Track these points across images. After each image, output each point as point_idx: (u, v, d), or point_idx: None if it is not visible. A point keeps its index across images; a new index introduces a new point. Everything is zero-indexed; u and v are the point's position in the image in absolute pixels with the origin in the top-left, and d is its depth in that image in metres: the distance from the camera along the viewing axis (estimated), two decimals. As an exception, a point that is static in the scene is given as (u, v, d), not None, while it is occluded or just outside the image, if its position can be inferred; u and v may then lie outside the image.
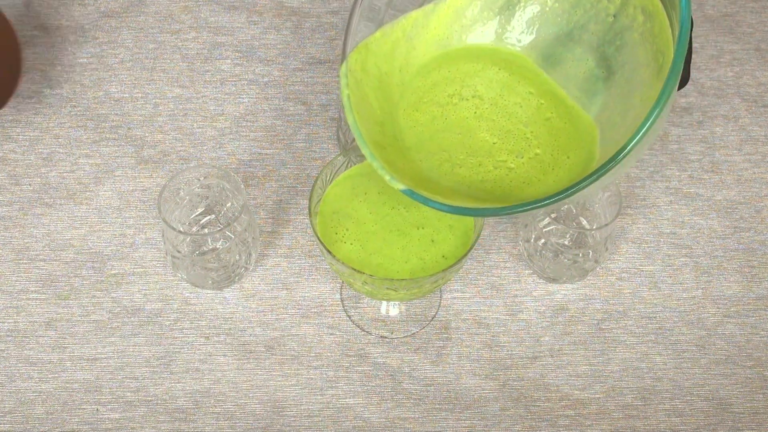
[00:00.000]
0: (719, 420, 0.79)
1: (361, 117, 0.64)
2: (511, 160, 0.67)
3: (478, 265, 0.85)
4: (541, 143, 0.67)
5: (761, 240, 0.87)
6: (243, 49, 0.95)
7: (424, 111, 0.69)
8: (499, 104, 0.69)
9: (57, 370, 0.80)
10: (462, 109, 0.69)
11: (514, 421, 0.79)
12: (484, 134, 0.68)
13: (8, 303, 0.83)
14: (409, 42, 0.69)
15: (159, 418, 0.78)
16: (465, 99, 0.69)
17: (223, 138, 0.91)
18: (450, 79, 0.70)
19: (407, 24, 0.68)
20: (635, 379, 0.81)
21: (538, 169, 0.67)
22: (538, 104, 0.69)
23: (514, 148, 0.68)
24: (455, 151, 0.68)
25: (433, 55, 0.70)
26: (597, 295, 0.84)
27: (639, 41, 0.64)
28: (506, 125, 0.68)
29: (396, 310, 0.84)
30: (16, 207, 0.87)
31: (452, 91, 0.70)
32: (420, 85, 0.70)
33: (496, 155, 0.67)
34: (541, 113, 0.68)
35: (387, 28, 0.67)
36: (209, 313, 0.83)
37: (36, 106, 0.92)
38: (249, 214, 0.78)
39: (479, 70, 0.70)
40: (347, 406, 0.79)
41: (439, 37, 0.70)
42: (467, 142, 0.68)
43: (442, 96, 0.69)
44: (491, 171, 0.67)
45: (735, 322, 0.83)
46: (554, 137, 0.68)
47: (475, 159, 0.67)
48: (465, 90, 0.69)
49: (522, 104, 0.69)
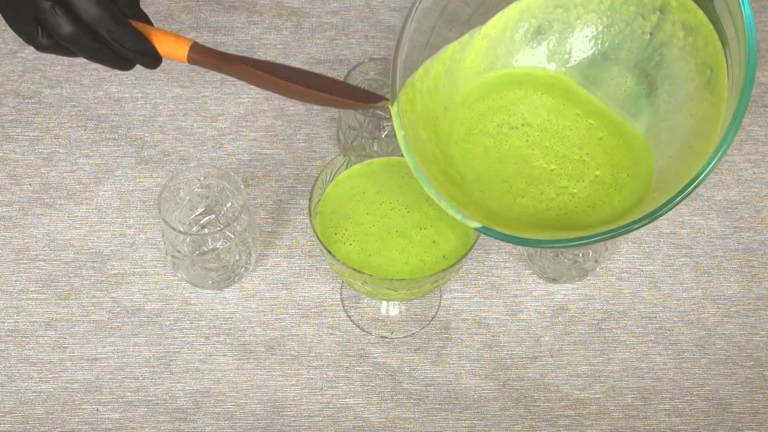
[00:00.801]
0: (719, 420, 0.79)
1: (419, 156, 0.63)
2: (573, 185, 0.66)
3: (478, 265, 0.85)
4: (599, 164, 0.67)
5: (761, 240, 0.87)
6: (243, 49, 0.95)
7: (476, 143, 0.68)
8: (549, 129, 0.68)
9: (57, 370, 0.80)
10: (513, 138, 0.68)
11: (514, 421, 0.79)
12: (540, 162, 0.67)
13: (8, 303, 0.83)
14: (450, 76, 0.68)
15: (159, 418, 0.78)
16: (514, 128, 0.69)
17: (223, 138, 0.91)
18: (495, 108, 0.69)
19: (446, 57, 0.67)
20: (635, 379, 0.81)
21: (600, 191, 0.66)
22: (588, 125, 0.68)
23: (573, 172, 0.67)
24: (515, 182, 0.67)
25: (474, 85, 0.69)
26: (597, 295, 0.84)
27: (680, 56, 0.64)
28: (560, 150, 0.68)
29: (396, 310, 0.84)
30: (16, 207, 0.87)
31: (500, 120, 0.69)
32: (467, 117, 0.69)
33: (556, 182, 0.67)
34: (593, 133, 0.68)
35: (428, 63, 0.66)
36: (209, 313, 0.83)
37: (36, 106, 0.92)
38: (249, 214, 0.78)
39: (522, 97, 0.70)
40: (347, 406, 0.79)
41: (477, 68, 0.69)
42: (525, 171, 0.67)
43: (491, 126, 0.69)
44: (554, 198, 0.66)
45: (735, 322, 0.83)
46: (610, 156, 0.67)
47: (536, 188, 0.66)
48: (512, 118, 0.69)
49: (572, 127, 0.68)
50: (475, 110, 0.69)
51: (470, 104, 0.69)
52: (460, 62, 0.68)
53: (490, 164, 0.68)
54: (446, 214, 0.71)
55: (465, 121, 0.69)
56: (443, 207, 0.62)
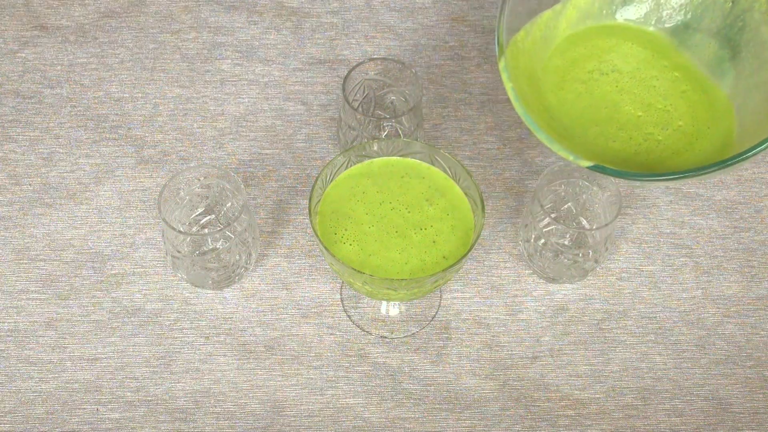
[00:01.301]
0: (719, 420, 0.79)
1: (527, 105, 0.68)
2: (658, 132, 0.71)
3: (478, 265, 0.85)
4: (682, 115, 0.72)
5: (761, 240, 0.87)
6: (243, 49, 0.95)
7: (569, 89, 0.73)
8: (638, 77, 0.74)
9: (57, 370, 0.80)
10: (603, 84, 0.73)
11: (514, 421, 0.79)
12: (628, 107, 0.73)
13: (8, 303, 0.83)
14: (545, 41, 0.74)
15: (159, 418, 0.78)
16: (605, 74, 0.74)
17: (223, 138, 0.91)
18: (587, 55, 0.74)
19: (542, 23, 0.73)
20: (635, 379, 0.81)
21: (683, 140, 0.71)
22: (674, 77, 0.73)
23: (658, 120, 0.72)
24: (606, 126, 0.72)
25: (566, 36, 0.75)
26: (597, 295, 0.84)
27: (762, 20, 0.69)
28: (647, 98, 0.73)
29: (396, 310, 0.84)
30: (16, 207, 0.87)
31: (591, 67, 0.74)
32: (560, 65, 0.74)
33: (643, 128, 0.72)
34: (677, 86, 0.73)
35: (528, 26, 0.72)
36: (209, 313, 0.83)
37: (36, 106, 0.92)
38: (249, 214, 0.78)
39: (614, 46, 0.75)
40: (347, 406, 0.79)
41: (571, 33, 0.75)
42: (615, 116, 0.72)
43: (582, 72, 0.74)
44: (641, 144, 0.71)
45: (735, 322, 0.83)
46: (692, 109, 0.72)
47: (626, 133, 0.72)
48: (603, 65, 0.74)
49: (659, 77, 0.74)
50: (567, 58, 0.74)
51: (562, 52, 0.74)
52: (554, 29, 0.74)
53: (583, 109, 0.73)
54: (446, 213, 0.72)
55: (558, 69, 0.74)
56: (555, 149, 0.67)
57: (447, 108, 0.93)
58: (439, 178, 0.74)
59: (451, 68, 0.95)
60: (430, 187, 0.73)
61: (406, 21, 0.97)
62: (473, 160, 0.90)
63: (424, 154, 0.74)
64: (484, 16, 0.98)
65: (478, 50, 0.96)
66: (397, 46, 0.96)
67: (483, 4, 0.98)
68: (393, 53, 0.96)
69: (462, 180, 0.73)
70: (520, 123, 0.92)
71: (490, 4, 0.98)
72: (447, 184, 0.74)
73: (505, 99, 0.93)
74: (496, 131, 0.92)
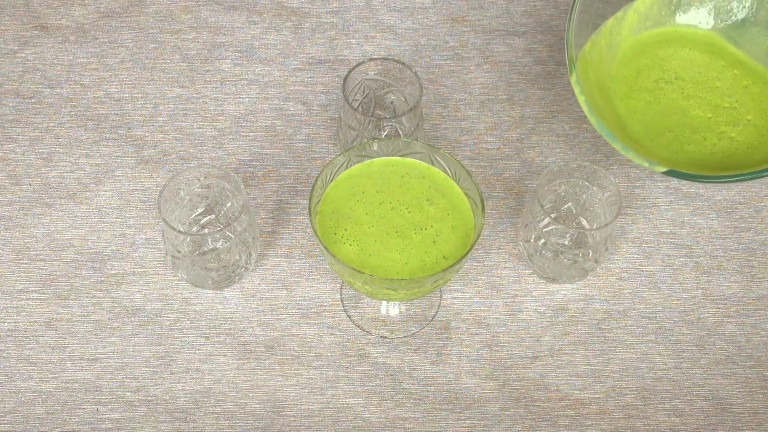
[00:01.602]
0: (719, 420, 0.79)
1: (600, 116, 0.72)
2: (730, 129, 0.75)
3: (478, 265, 0.85)
4: (749, 109, 0.76)
5: (761, 240, 0.87)
6: (243, 49, 0.95)
7: (638, 98, 0.78)
8: (700, 81, 0.78)
9: (57, 370, 0.80)
10: (669, 92, 0.77)
11: (514, 421, 0.79)
12: (696, 111, 0.76)
13: (8, 303, 0.83)
14: (610, 49, 0.78)
15: (159, 418, 0.78)
16: (669, 82, 0.78)
17: (223, 138, 0.91)
18: (650, 65, 0.79)
19: (606, 32, 0.77)
20: (635, 379, 0.81)
21: (756, 134, 0.75)
22: (733, 75, 0.77)
23: (728, 119, 0.76)
24: (679, 131, 0.76)
25: (628, 45, 0.79)
26: (597, 295, 0.84)
27: None
28: (713, 99, 0.77)
29: (396, 310, 0.84)
30: (16, 207, 0.87)
31: (656, 76, 0.78)
32: (626, 75, 0.78)
33: (715, 128, 0.76)
34: (739, 82, 0.77)
35: (594, 37, 0.76)
36: (209, 313, 0.83)
37: (36, 106, 0.92)
38: (249, 214, 0.78)
39: (672, 54, 0.79)
40: (347, 406, 0.79)
41: (632, 41, 0.80)
42: (685, 121, 0.76)
43: (648, 82, 0.78)
44: (716, 143, 0.75)
45: (735, 322, 0.83)
46: (758, 102, 0.76)
47: (699, 135, 0.76)
48: (666, 74, 0.78)
49: (720, 78, 0.78)
50: (631, 68, 0.79)
51: (626, 63, 0.79)
52: (617, 36, 0.78)
53: (654, 117, 0.77)
54: (447, 213, 0.72)
55: (625, 79, 0.79)
56: (630, 157, 0.71)
57: (447, 108, 0.93)
58: (439, 178, 0.74)
59: (451, 68, 0.95)
60: (430, 187, 0.73)
61: (406, 21, 0.97)
62: (473, 160, 0.90)
63: (424, 154, 0.74)
64: (484, 16, 0.98)
65: (478, 50, 0.96)
66: (397, 46, 0.96)
67: (483, 4, 0.98)
68: (393, 53, 0.96)
69: (462, 180, 0.73)
70: (520, 123, 0.92)
71: (490, 4, 0.98)
72: (447, 184, 0.74)
73: (505, 99, 0.93)
74: (496, 131, 0.92)
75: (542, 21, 0.97)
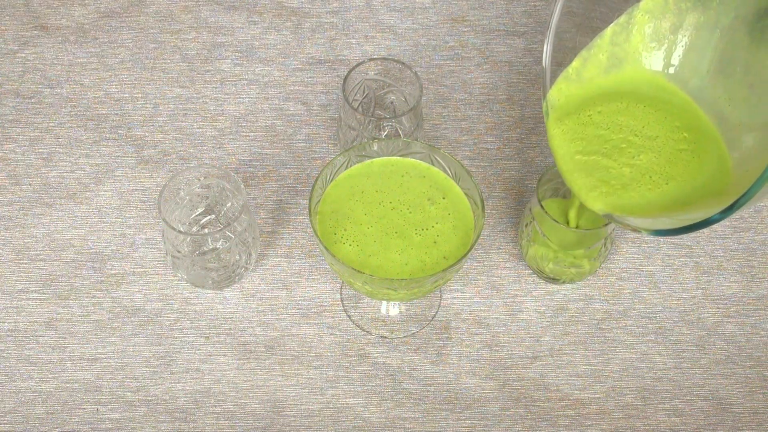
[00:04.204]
0: (719, 420, 0.79)
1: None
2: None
3: (478, 265, 0.85)
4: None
5: (761, 240, 0.87)
6: (243, 49, 0.95)
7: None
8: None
9: (57, 370, 0.80)
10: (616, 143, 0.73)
11: (514, 421, 0.79)
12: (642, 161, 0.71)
13: (8, 303, 0.83)
14: (579, 84, 0.74)
15: (159, 418, 0.78)
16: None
17: (223, 138, 0.91)
18: (598, 122, 0.73)
19: (571, 72, 0.73)
20: (635, 379, 0.81)
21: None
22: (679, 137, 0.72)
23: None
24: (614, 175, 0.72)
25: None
26: (597, 295, 0.84)
27: None
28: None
29: (396, 310, 0.84)
30: (16, 207, 0.87)
31: (605, 135, 0.73)
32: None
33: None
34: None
35: (560, 83, 0.73)
36: (209, 313, 0.83)
37: (36, 106, 0.92)
38: (249, 214, 0.78)
39: (624, 109, 0.73)
40: (347, 406, 0.79)
41: (602, 80, 0.75)
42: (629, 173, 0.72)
43: (598, 144, 0.73)
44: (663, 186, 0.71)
45: (735, 322, 0.83)
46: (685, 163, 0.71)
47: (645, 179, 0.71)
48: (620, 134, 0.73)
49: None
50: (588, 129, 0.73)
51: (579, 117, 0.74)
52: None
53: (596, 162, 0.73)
54: (447, 213, 0.71)
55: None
56: (616, 222, 0.69)
57: (447, 108, 0.93)
58: (439, 178, 0.74)
59: (451, 68, 0.95)
60: (431, 187, 0.73)
61: (406, 21, 0.97)
62: (473, 160, 0.90)
63: (424, 154, 0.74)
64: (484, 16, 0.98)
65: (478, 50, 0.96)
66: (397, 46, 0.96)
67: (483, 4, 0.98)
68: (393, 53, 0.96)
69: (462, 180, 0.73)
70: (520, 123, 0.92)
71: (490, 4, 0.98)
72: (447, 184, 0.74)
73: (505, 99, 0.93)
74: (496, 131, 0.92)
75: (542, 21, 0.97)
